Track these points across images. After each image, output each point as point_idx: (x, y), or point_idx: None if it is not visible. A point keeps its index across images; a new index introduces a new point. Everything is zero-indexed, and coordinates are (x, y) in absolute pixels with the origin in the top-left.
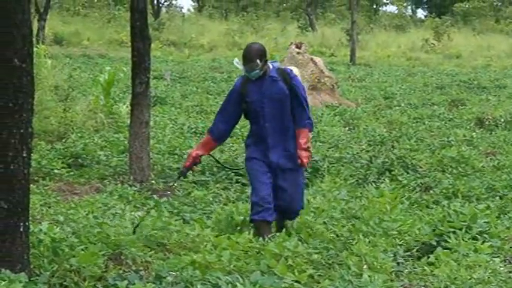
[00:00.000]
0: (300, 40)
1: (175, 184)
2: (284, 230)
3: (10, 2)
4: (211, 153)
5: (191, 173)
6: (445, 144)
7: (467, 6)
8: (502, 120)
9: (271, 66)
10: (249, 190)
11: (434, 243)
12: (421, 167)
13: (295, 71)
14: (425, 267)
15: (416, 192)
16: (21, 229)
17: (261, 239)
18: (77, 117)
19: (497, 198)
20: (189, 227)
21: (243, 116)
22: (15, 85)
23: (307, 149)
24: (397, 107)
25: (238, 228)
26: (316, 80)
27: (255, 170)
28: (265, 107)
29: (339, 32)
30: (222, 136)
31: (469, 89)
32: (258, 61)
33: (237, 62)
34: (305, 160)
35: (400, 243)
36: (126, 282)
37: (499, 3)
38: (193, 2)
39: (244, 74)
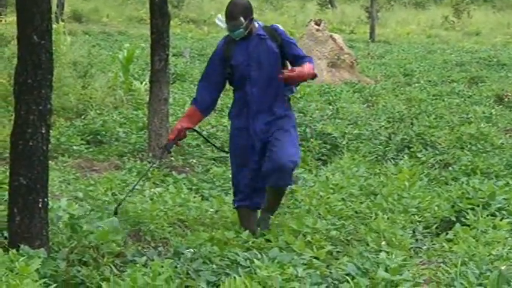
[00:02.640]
0: (320, 17)
1: (158, 162)
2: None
3: None
4: (196, 127)
5: (178, 147)
6: (464, 121)
7: None
8: None
9: (256, 25)
10: None
11: (453, 220)
12: (440, 144)
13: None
14: (444, 244)
15: (435, 169)
16: (40, 205)
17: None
18: (96, 94)
19: None
20: (207, 204)
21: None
22: (34, 62)
23: (301, 74)
24: (416, 84)
25: None
26: (335, 57)
27: (237, 148)
28: (252, 70)
29: (359, 10)
30: (209, 106)
31: (489, 66)
32: (242, 19)
33: (220, 20)
34: (286, 76)
35: (418, 219)
36: (144, 258)
37: None
38: None
39: (228, 33)
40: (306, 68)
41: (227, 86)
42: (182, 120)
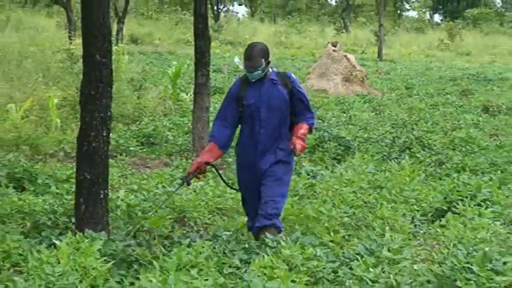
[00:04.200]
0: (336, 40)
1: (177, 191)
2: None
3: (93, 8)
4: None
5: (196, 180)
6: (456, 126)
7: (476, 11)
8: (504, 107)
9: (270, 70)
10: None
11: (446, 209)
12: (435, 146)
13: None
14: (438, 229)
15: (431, 166)
16: (102, 196)
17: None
18: (149, 104)
19: (499, 172)
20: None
21: None
22: (96, 77)
23: (302, 139)
24: (416, 96)
25: (297, 197)
26: (349, 73)
27: (244, 194)
28: (262, 112)
29: (369, 33)
30: (226, 142)
31: (477, 81)
32: (262, 60)
33: (238, 61)
34: (298, 147)
35: (417, 209)
36: (188, 240)
37: (503, 10)
38: (247, 8)
39: (245, 73)
40: (303, 129)
41: None
42: (203, 155)
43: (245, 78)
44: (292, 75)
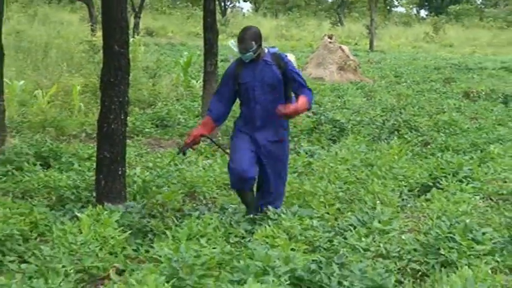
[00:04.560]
0: (332, 33)
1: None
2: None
3: (112, 4)
4: (211, 135)
5: (190, 150)
6: (440, 111)
7: (458, 7)
8: (483, 93)
9: (266, 51)
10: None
11: (430, 185)
12: (421, 128)
13: (290, 57)
14: (423, 203)
15: (417, 146)
16: (120, 173)
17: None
18: (163, 90)
19: (479, 151)
20: None
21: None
22: (115, 65)
23: (296, 109)
24: (404, 83)
25: (296, 174)
26: (343, 63)
27: (237, 144)
28: (256, 90)
29: (361, 27)
30: (220, 117)
31: (459, 70)
32: (253, 43)
33: (233, 44)
34: (284, 111)
35: (404, 184)
36: (198, 212)
37: (483, 6)
38: (251, 4)
39: (239, 55)
40: (300, 103)
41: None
42: (198, 128)
43: (241, 60)
44: (287, 56)
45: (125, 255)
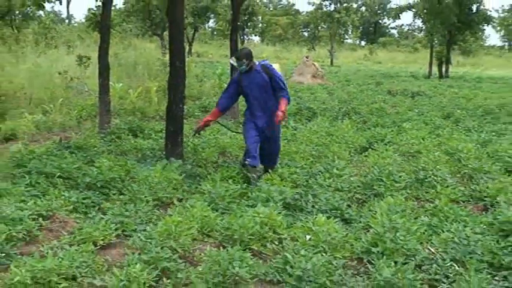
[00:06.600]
0: (308, 54)
1: (192, 138)
2: (269, 172)
3: (176, 38)
4: (218, 120)
5: (203, 131)
6: (373, 102)
7: (384, 39)
8: (399, 91)
9: (257, 63)
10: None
11: (367, 147)
12: (362, 112)
13: (275, 65)
14: (363, 158)
15: (360, 124)
16: (179, 140)
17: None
18: (205, 89)
19: (396, 126)
20: None
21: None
22: (177, 74)
23: (283, 112)
24: (351, 85)
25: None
26: (315, 73)
27: (248, 128)
28: (253, 90)
29: (326, 51)
30: (225, 108)
31: (385, 77)
32: (245, 60)
33: (233, 60)
34: (279, 118)
35: (352, 146)
36: (227, 163)
37: (399, 38)
38: (259, 37)
39: (238, 68)
40: (283, 106)
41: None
42: (208, 116)
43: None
44: (272, 66)
45: (183, 190)
